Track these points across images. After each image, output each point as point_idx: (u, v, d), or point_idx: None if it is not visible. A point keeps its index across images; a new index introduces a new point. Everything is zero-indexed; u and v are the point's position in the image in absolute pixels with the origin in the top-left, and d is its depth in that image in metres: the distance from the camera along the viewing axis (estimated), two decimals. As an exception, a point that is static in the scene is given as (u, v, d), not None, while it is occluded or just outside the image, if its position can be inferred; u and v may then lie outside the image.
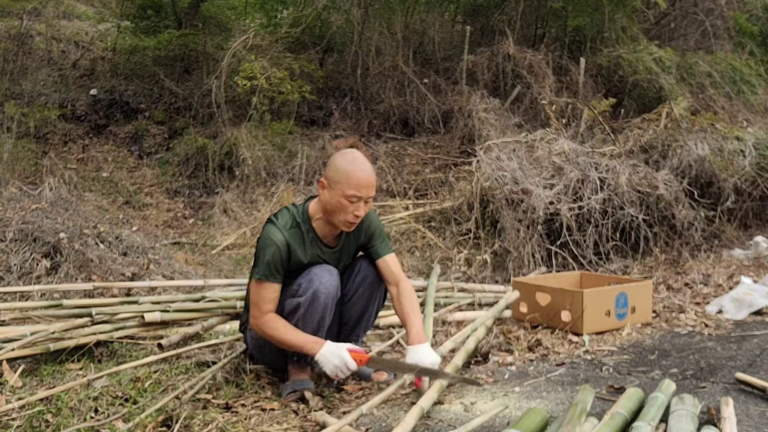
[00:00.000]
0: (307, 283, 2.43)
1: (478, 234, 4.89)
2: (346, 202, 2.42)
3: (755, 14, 9.44)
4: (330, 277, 2.46)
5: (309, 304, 2.42)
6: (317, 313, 2.44)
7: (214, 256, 5.28)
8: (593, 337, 3.22)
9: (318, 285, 2.42)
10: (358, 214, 2.45)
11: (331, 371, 2.38)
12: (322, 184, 2.47)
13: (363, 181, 2.43)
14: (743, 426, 2.09)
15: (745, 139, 5.58)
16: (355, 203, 2.43)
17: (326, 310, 2.47)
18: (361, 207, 2.45)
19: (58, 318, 3.10)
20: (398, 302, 2.62)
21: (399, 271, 2.68)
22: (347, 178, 2.41)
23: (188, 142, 7.14)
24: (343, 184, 2.41)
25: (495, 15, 8.39)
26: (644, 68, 7.57)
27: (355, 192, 2.41)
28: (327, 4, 8.41)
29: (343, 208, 2.43)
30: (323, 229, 2.54)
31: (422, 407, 2.20)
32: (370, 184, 2.45)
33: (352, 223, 2.48)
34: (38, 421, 2.23)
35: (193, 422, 2.25)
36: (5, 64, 7.71)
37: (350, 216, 2.45)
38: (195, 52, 8.38)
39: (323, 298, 2.43)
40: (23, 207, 4.41)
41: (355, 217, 2.46)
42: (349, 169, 2.43)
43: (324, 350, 2.38)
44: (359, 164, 2.46)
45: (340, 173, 2.43)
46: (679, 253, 4.95)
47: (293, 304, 2.44)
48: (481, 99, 7.01)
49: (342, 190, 2.41)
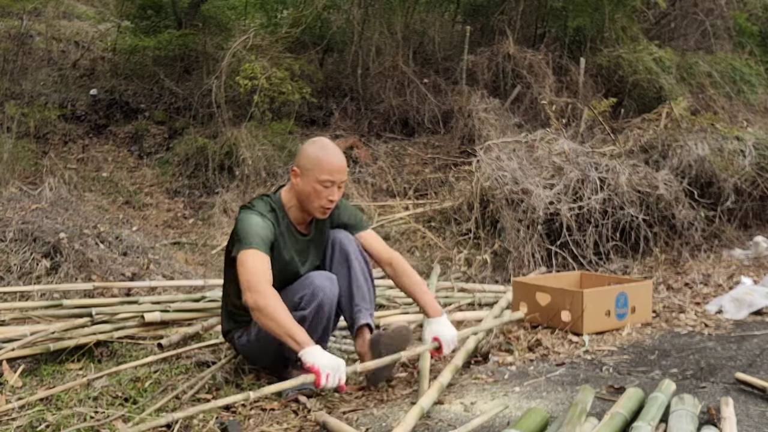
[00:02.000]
0: (311, 295, 2.42)
1: (478, 234, 4.89)
2: (320, 187, 2.44)
3: (755, 14, 9.45)
4: (331, 285, 2.47)
5: (314, 316, 2.42)
6: (321, 324, 2.45)
7: (214, 256, 5.28)
8: (593, 337, 3.22)
9: (322, 296, 2.41)
10: (332, 198, 2.47)
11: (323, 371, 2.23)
12: (295, 172, 2.49)
13: (335, 166, 2.46)
14: (743, 426, 2.09)
15: (745, 139, 5.58)
16: (329, 188, 2.45)
17: (330, 318, 2.49)
18: (335, 191, 2.47)
19: (58, 318, 3.10)
20: (399, 280, 2.61)
21: (384, 247, 2.67)
22: (319, 164, 2.44)
23: (188, 142, 7.14)
24: (315, 170, 2.44)
25: (495, 15, 8.39)
26: (644, 68, 7.57)
27: (328, 177, 2.44)
28: (327, 4, 8.40)
29: (317, 194, 2.45)
30: (296, 217, 2.55)
31: (422, 407, 2.20)
32: (342, 169, 2.48)
33: (326, 209, 2.50)
34: (38, 421, 2.23)
35: (193, 422, 2.25)
36: (5, 64, 7.71)
37: (324, 201, 2.46)
38: (195, 52, 8.38)
39: (327, 308, 2.43)
40: (23, 207, 4.41)
41: (329, 202, 2.48)
42: (320, 155, 2.46)
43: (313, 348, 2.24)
44: (330, 150, 2.49)
45: (312, 160, 2.46)
46: (679, 253, 4.95)
47: (297, 317, 2.40)
48: (481, 99, 7.01)
49: (315, 176, 2.44)
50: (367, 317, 2.59)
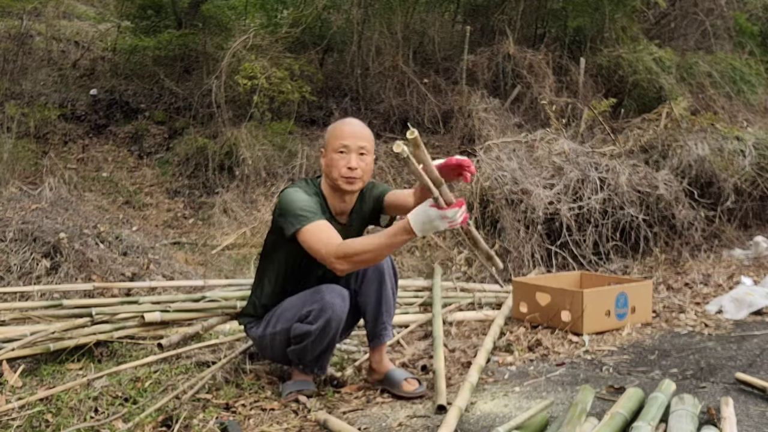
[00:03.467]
0: (319, 311, 2.39)
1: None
2: (337, 155, 2.44)
3: (755, 14, 9.45)
4: (342, 303, 2.43)
5: (320, 332, 2.40)
6: (326, 340, 2.44)
7: (214, 256, 5.28)
8: (593, 337, 3.22)
9: (330, 314, 2.39)
10: (351, 165, 2.43)
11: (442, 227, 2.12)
12: (321, 153, 2.53)
13: (347, 132, 2.47)
14: (743, 426, 2.09)
15: (745, 139, 5.58)
16: (345, 154, 2.44)
17: (335, 337, 2.47)
18: (352, 158, 2.43)
19: (58, 318, 3.10)
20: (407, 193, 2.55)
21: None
22: (333, 133, 2.49)
23: (188, 142, 7.14)
24: (331, 140, 2.48)
25: (495, 15, 8.39)
26: (644, 68, 7.57)
27: (342, 141, 2.44)
28: (327, 4, 8.40)
29: (335, 163, 2.44)
30: (334, 205, 2.54)
31: (459, 407, 2.21)
32: (355, 134, 2.47)
33: (348, 178, 2.44)
34: (38, 421, 2.23)
35: (193, 422, 2.25)
36: (5, 64, 7.71)
37: (343, 169, 2.43)
38: (195, 52, 8.38)
39: (334, 325, 2.41)
40: (23, 207, 4.41)
41: (349, 170, 2.43)
42: (336, 126, 2.53)
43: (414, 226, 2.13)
44: (347, 121, 2.55)
45: (329, 132, 2.52)
46: (679, 253, 4.95)
47: (302, 330, 2.41)
48: (481, 99, 7.01)
49: (332, 146, 2.46)
50: (389, 335, 2.63)
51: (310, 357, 2.49)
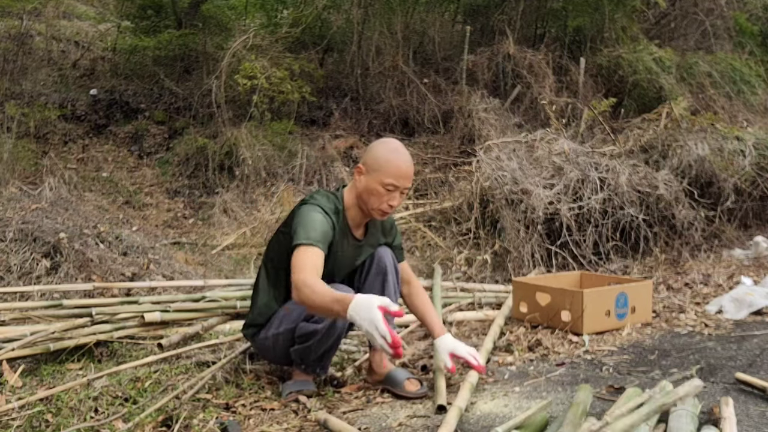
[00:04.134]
0: None
1: (478, 234, 4.89)
2: (383, 190, 2.39)
3: (755, 14, 9.45)
4: None
5: (325, 333, 2.40)
6: (331, 340, 2.44)
7: (214, 256, 5.28)
8: (593, 337, 3.22)
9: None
10: (393, 204, 2.43)
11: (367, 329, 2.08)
12: (360, 170, 2.44)
13: (403, 171, 2.40)
14: (743, 426, 2.09)
15: (745, 139, 5.58)
16: (391, 192, 2.40)
17: (340, 337, 2.47)
18: (396, 197, 2.43)
19: (58, 318, 3.10)
20: (412, 299, 2.64)
21: (411, 273, 2.72)
22: (387, 166, 2.38)
23: (188, 142, 7.14)
24: (382, 171, 2.38)
25: (495, 15, 8.39)
26: (644, 68, 7.57)
27: (393, 181, 2.38)
28: (327, 4, 8.41)
29: (379, 196, 2.40)
30: (354, 218, 2.52)
31: (460, 407, 2.22)
32: (408, 175, 2.43)
33: (385, 212, 2.45)
34: (38, 421, 2.23)
35: (193, 422, 2.25)
36: (5, 64, 7.71)
37: (384, 205, 2.42)
38: (195, 52, 8.38)
39: (341, 325, 2.41)
40: (23, 207, 4.41)
41: (390, 207, 2.43)
42: (390, 158, 2.40)
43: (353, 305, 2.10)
44: (401, 154, 2.43)
45: (381, 160, 2.40)
46: (679, 253, 4.95)
47: (309, 329, 2.41)
48: (481, 99, 7.01)
49: (380, 178, 2.38)
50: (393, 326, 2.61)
51: (314, 356, 2.48)
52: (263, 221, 5.78)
